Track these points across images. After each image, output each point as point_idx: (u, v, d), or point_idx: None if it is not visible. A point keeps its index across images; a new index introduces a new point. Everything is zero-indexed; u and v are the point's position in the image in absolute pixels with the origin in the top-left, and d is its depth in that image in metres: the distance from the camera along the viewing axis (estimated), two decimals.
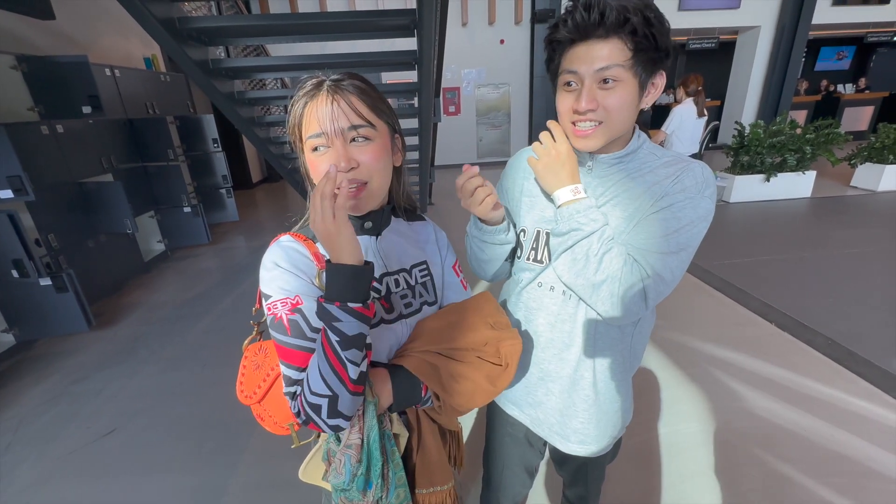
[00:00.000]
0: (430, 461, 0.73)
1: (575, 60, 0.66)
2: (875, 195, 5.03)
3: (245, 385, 0.72)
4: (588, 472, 0.99)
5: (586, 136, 0.70)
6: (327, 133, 0.62)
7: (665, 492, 1.53)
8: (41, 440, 1.91)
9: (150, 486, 1.66)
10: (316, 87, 0.63)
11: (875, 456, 1.61)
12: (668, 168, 0.73)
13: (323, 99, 0.62)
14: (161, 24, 2.11)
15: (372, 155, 0.64)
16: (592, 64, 0.65)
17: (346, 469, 0.65)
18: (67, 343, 2.72)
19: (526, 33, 7.77)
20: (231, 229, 5.03)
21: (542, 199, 0.82)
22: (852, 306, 2.64)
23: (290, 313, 0.61)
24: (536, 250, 0.82)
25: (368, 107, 0.64)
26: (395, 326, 0.71)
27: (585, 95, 0.66)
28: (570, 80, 0.68)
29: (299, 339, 0.61)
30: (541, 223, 0.82)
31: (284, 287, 0.62)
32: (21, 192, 2.36)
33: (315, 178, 0.66)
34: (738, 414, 1.86)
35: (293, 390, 0.61)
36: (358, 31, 2.85)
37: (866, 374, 2.03)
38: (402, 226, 0.79)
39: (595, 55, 0.64)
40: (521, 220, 0.86)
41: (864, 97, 9.41)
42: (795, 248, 3.61)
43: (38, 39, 3.34)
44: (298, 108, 0.64)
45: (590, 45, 0.65)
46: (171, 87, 4.40)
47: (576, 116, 0.69)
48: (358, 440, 0.65)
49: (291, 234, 0.67)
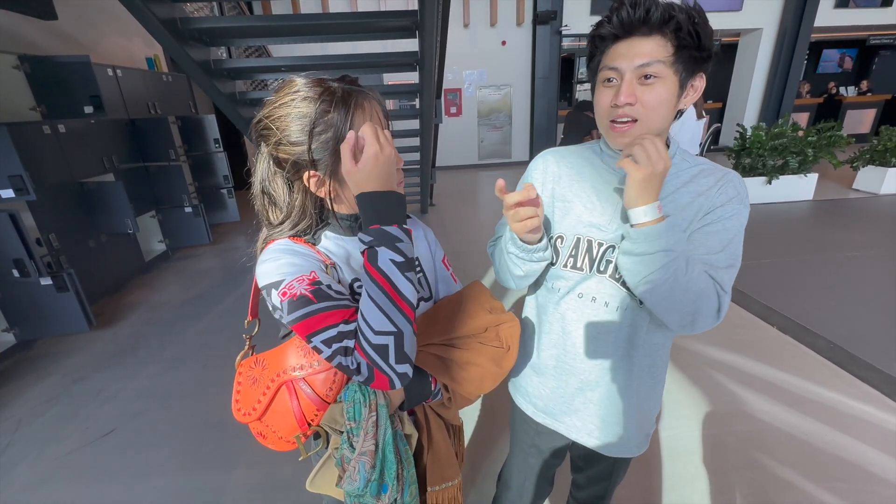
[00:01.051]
0: (440, 458, 0.74)
1: (617, 57, 0.66)
2: (877, 198, 5.02)
3: (242, 402, 0.69)
4: (614, 471, 0.98)
5: (624, 132, 0.69)
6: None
7: (665, 494, 1.52)
8: (40, 440, 1.90)
9: (149, 487, 1.65)
10: (345, 94, 0.60)
11: (877, 460, 1.60)
12: (709, 178, 0.73)
13: (367, 103, 0.62)
14: (163, 25, 2.12)
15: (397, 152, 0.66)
16: (633, 60, 0.65)
17: (361, 475, 0.64)
18: (67, 343, 2.72)
19: (528, 35, 7.77)
20: (232, 229, 5.03)
21: (578, 205, 0.79)
22: (854, 309, 2.63)
23: (309, 287, 0.58)
24: (576, 258, 0.79)
25: (384, 105, 0.67)
26: None
27: (625, 89, 0.66)
28: (610, 76, 0.68)
29: (327, 300, 0.58)
30: (580, 229, 0.78)
31: (296, 268, 0.61)
32: (22, 191, 2.37)
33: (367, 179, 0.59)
34: (739, 417, 1.85)
35: (344, 345, 0.56)
36: (360, 32, 2.85)
37: (868, 378, 2.02)
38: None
39: (637, 51, 0.64)
40: (555, 225, 0.82)
41: (866, 100, 9.39)
42: (797, 251, 3.60)
43: (40, 39, 3.35)
44: (339, 121, 0.59)
45: (632, 42, 0.65)
46: (173, 87, 4.41)
47: (614, 112, 0.69)
48: (372, 446, 0.65)
49: (290, 238, 0.67)
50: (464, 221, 5.05)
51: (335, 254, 0.69)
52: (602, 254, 0.77)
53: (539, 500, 1.07)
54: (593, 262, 0.77)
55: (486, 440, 1.79)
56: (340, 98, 0.59)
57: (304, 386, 0.65)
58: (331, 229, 0.70)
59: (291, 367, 0.66)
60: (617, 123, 0.69)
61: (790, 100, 8.46)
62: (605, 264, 0.77)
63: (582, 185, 0.80)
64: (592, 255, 0.77)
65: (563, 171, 0.82)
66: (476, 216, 5.29)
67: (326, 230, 0.70)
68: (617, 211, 0.75)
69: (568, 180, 0.81)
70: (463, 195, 6.32)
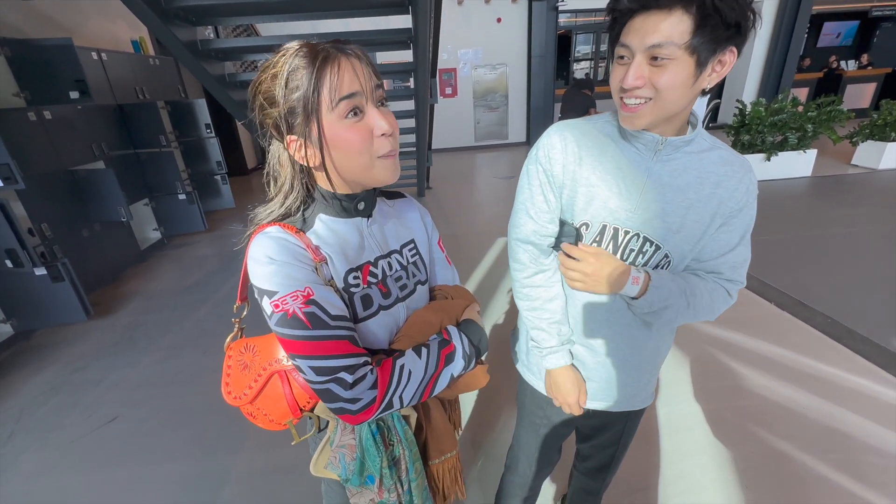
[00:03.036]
0: (438, 432, 0.76)
1: (630, 33, 0.62)
2: (876, 173, 5.00)
3: (232, 386, 0.69)
4: (625, 432, 0.99)
5: (633, 112, 0.66)
6: (364, 93, 0.57)
7: (665, 469, 1.54)
8: (43, 429, 1.91)
9: (153, 473, 1.67)
10: (323, 51, 0.56)
11: (873, 432, 1.62)
12: (727, 167, 0.73)
13: (350, 59, 0.57)
14: (146, 4, 2.04)
15: (394, 118, 0.62)
16: (645, 38, 0.60)
17: (342, 465, 0.66)
18: (66, 333, 2.71)
19: (523, 11, 7.57)
20: (227, 216, 4.98)
21: (603, 189, 0.74)
22: (851, 284, 2.64)
23: (304, 306, 0.56)
24: (600, 243, 0.76)
25: (375, 68, 0.61)
26: (393, 311, 0.70)
27: (633, 71, 0.62)
28: (622, 53, 0.64)
29: (323, 329, 0.57)
30: (605, 216, 0.74)
31: (290, 280, 0.57)
32: (10, 180, 2.32)
33: (349, 148, 0.59)
34: (737, 392, 1.87)
35: (340, 377, 0.57)
36: (351, 9, 2.76)
37: (865, 352, 2.04)
38: (384, 206, 0.76)
39: (650, 29, 0.59)
40: (578, 212, 0.76)
41: (866, 73, 9.26)
42: (795, 228, 3.60)
43: (19, 22, 3.23)
44: (310, 74, 0.55)
45: (647, 17, 0.59)
46: (160, 70, 4.29)
47: (623, 92, 0.65)
48: (351, 440, 0.66)
49: (279, 225, 0.62)
50: (461, 204, 5.01)
51: (328, 242, 0.64)
52: (626, 242, 0.75)
53: (547, 468, 1.09)
54: (617, 249, 0.75)
55: (488, 418, 1.80)
56: (310, 53, 0.55)
57: (296, 375, 0.65)
58: (325, 211, 0.66)
59: (283, 356, 0.65)
60: (627, 103, 0.66)
61: (790, 74, 8.33)
62: (628, 253, 0.75)
63: (606, 166, 0.74)
64: (617, 243, 0.75)
65: (585, 153, 0.75)
66: (473, 199, 5.25)
67: (321, 213, 0.66)
68: (643, 196, 0.72)
69: (591, 162, 0.74)
70: (460, 178, 6.26)
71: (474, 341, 0.71)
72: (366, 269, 0.67)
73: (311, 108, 0.56)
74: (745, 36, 0.60)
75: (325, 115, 0.57)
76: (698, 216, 0.72)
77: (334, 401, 0.58)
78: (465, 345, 0.69)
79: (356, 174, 0.62)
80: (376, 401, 0.59)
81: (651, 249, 0.74)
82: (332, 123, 0.57)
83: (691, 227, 0.73)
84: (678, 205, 0.72)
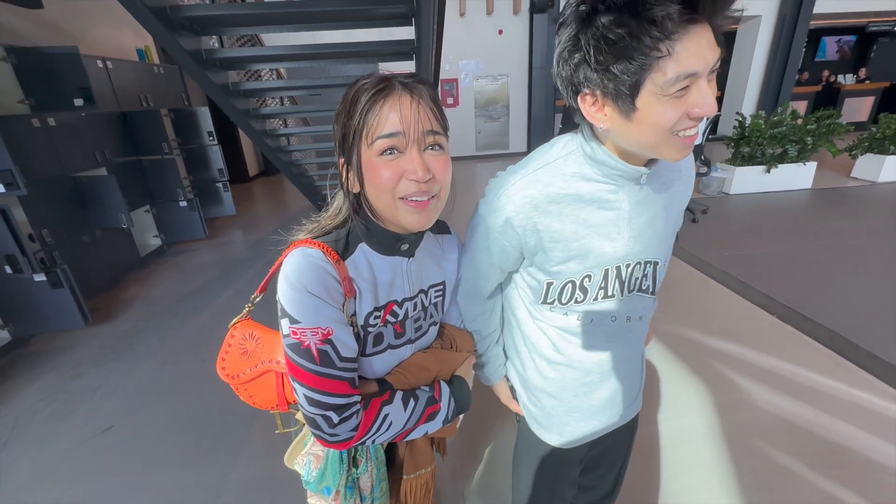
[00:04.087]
0: (416, 449, 0.78)
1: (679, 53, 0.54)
2: (875, 186, 5.01)
3: (228, 365, 0.73)
4: (628, 448, 0.99)
5: (691, 143, 0.59)
6: (407, 135, 0.56)
7: (666, 484, 1.52)
8: (39, 437, 1.89)
9: (150, 482, 1.64)
10: (386, 83, 0.57)
11: (877, 447, 1.60)
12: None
13: (403, 98, 0.56)
14: (152, 13, 2.06)
15: (445, 166, 0.61)
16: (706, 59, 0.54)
17: (307, 469, 0.71)
18: (64, 339, 2.69)
19: (525, 23, 7.67)
20: (228, 224, 4.99)
21: (595, 239, 0.68)
22: (854, 298, 2.63)
23: (320, 343, 0.58)
24: (606, 289, 0.72)
25: (439, 114, 0.61)
26: (400, 350, 0.71)
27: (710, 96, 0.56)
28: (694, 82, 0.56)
29: (329, 367, 0.59)
30: (606, 261, 0.69)
31: (316, 315, 0.58)
32: (12, 186, 2.32)
33: (376, 182, 0.58)
34: (740, 406, 1.85)
35: (327, 414, 0.59)
36: (355, 20, 2.79)
37: (868, 366, 2.02)
38: (430, 241, 0.75)
39: (705, 43, 0.53)
40: (568, 268, 0.70)
41: (864, 87, 9.34)
42: (796, 240, 3.60)
43: (26, 30, 3.27)
44: (364, 104, 0.56)
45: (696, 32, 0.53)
46: (164, 79, 4.33)
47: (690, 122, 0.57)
48: (320, 451, 0.71)
49: (320, 247, 0.60)
50: (462, 214, 4.99)
51: (363, 276, 0.64)
52: (630, 274, 0.72)
53: None
54: (623, 284, 0.72)
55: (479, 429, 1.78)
56: (373, 86, 0.57)
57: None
58: (367, 242, 0.65)
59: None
60: (690, 134, 0.57)
61: (789, 87, 8.41)
62: (634, 282, 0.73)
63: (587, 210, 0.67)
64: (622, 279, 0.72)
65: (556, 208, 0.67)
66: (473, 208, 5.25)
67: (363, 242, 0.65)
68: (630, 225, 0.68)
69: (568, 216, 0.67)
70: (461, 187, 6.21)
71: (461, 404, 0.73)
72: (389, 308, 0.67)
73: (355, 138, 0.58)
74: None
75: (364, 148, 0.58)
76: (678, 212, 0.77)
77: (315, 428, 0.60)
78: (450, 411, 0.71)
79: (385, 212, 0.62)
80: (352, 440, 0.61)
81: (651, 270, 0.74)
82: (369, 156, 0.58)
83: (674, 226, 0.77)
84: (660, 213, 0.71)
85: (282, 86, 3.40)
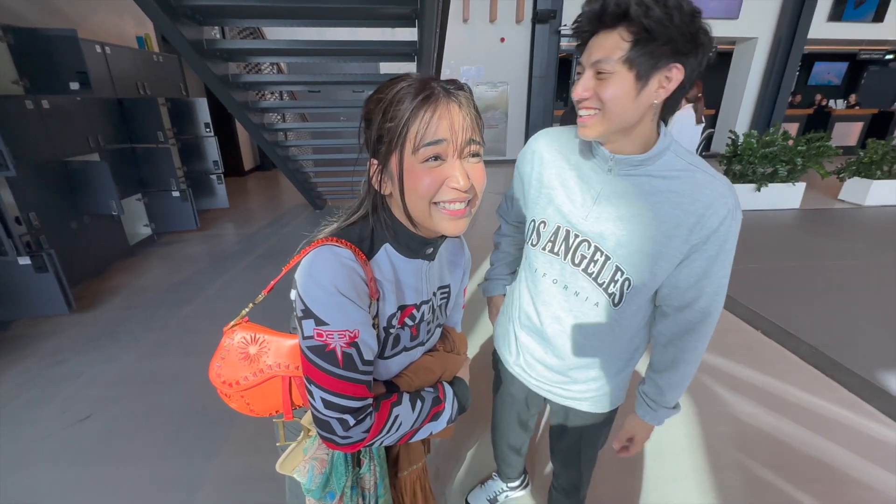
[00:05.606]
0: (409, 445, 0.79)
1: (584, 52, 0.69)
2: (861, 209, 5.12)
3: (224, 370, 0.68)
4: (581, 453, 1.03)
5: (585, 123, 0.71)
6: (452, 143, 0.55)
7: (647, 493, 1.53)
8: (14, 423, 1.85)
9: (126, 474, 1.61)
10: (430, 89, 0.55)
11: (853, 464, 1.63)
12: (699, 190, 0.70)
13: (451, 106, 0.55)
14: (154, 0, 2.05)
15: (483, 174, 0.60)
16: (591, 55, 0.67)
17: (309, 476, 0.68)
18: (46, 325, 2.64)
19: (526, 32, 7.74)
20: (221, 216, 4.95)
21: (561, 193, 0.81)
22: (836, 316, 2.68)
23: (346, 346, 0.57)
24: (554, 243, 0.83)
25: (480, 123, 0.60)
26: (413, 352, 0.71)
27: (580, 84, 0.69)
28: (579, 70, 0.71)
29: (352, 371, 0.58)
30: (559, 219, 0.82)
31: (346, 318, 0.57)
32: (1, 167, 2.28)
33: (416, 189, 0.57)
34: (722, 418, 1.87)
35: (343, 417, 0.59)
36: (359, 18, 2.80)
37: (848, 383, 2.06)
38: (442, 246, 0.75)
39: (597, 46, 0.66)
40: (538, 209, 0.86)
41: (854, 113, 9.58)
42: (783, 258, 3.66)
43: (25, 10, 3.23)
44: (409, 109, 0.54)
45: (597, 38, 0.66)
46: (163, 67, 4.30)
47: (578, 104, 0.71)
48: (324, 455, 0.69)
49: (350, 247, 0.59)
50: None
51: (388, 278, 0.64)
52: (577, 246, 0.79)
53: (514, 437, 1.23)
54: (569, 250, 0.81)
55: (461, 432, 1.78)
56: (416, 89, 0.54)
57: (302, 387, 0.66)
58: (392, 243, 0.65)
59: (297, 366, 0.65)
60: (581, 114, 0.71)
61: (782, 109, 8.59)
62: (579, 258, 0.79)
63: (568, 172, 0.81)
64: (569, 245, 0.80)
65: (551, 157, 0.84)
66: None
67: (387, 243, 0.64)
68: (596, 206, 0.77)
69: (554, 167, 0.83)
70: None
71: (463, 404, 0.75)
72: (407, 311, 0.67)
73: (395, 143, 0.56)
74: (689, 54, 0.63)
75: (407, 154, 0.56)
76: (650, 233, 0.72)
77: (328, 432, 0.59)
78: (454, 412, 0.72)
79: (419, 217, 0.60)
80: (363, 442, 0.61)
81: (601, 259, 0.77)
82: (412, 163, 0.56)
83: (641, 244, 0.73)
84: (630, 220, 0.74)
85: (282, 80, 3.39)
